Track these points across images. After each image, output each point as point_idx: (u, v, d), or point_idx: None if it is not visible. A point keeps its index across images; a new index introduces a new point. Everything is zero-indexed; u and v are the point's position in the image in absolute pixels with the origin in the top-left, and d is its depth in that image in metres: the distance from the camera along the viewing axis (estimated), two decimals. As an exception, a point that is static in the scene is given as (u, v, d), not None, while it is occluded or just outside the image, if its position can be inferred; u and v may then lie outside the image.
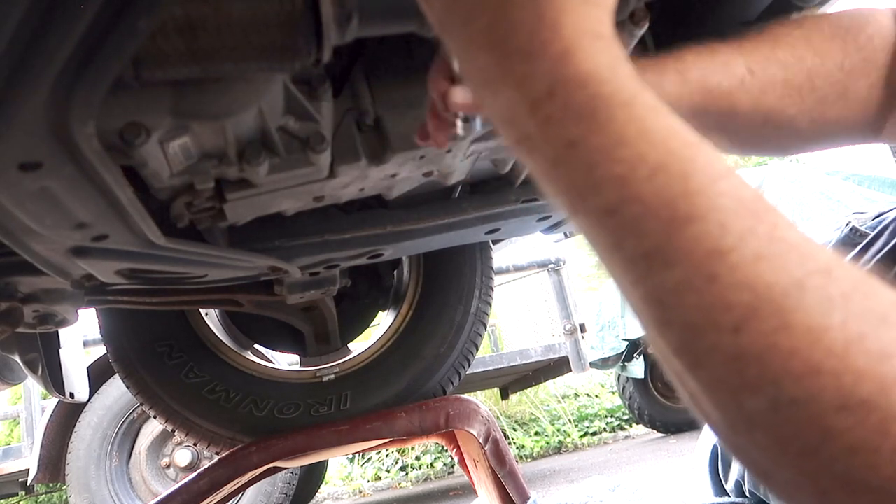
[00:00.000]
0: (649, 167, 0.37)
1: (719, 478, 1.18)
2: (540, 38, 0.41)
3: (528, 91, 0.41)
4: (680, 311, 0.36)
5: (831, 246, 0.92)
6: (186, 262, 1.06)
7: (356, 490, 6.90)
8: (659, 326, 0.38)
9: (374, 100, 0.92)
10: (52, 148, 0.64)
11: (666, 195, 0.37)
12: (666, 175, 0.37)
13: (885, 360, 0.32)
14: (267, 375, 1.70)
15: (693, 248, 0.36)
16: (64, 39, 0.53)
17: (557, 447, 7.21)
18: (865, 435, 0.31)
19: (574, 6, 0.42)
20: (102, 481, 3.69)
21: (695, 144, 0.39)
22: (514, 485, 1.65)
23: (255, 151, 0.82)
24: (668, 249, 0.36)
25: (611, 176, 0.38)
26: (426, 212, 1.23)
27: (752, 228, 0.36)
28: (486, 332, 1.84)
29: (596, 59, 0.40)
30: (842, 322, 0.33)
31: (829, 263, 0.35)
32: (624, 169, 0.38)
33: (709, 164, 0.38)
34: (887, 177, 5.64)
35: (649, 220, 0.37)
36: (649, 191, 0.37)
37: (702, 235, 0.36)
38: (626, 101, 0.39)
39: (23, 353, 1.54)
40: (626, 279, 0.39)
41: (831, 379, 0.32)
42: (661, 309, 0.37)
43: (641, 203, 0.37)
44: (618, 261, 0.39)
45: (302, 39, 0.67)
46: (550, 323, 5.33)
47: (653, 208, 0.37)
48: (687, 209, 0.36)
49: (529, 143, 0.42)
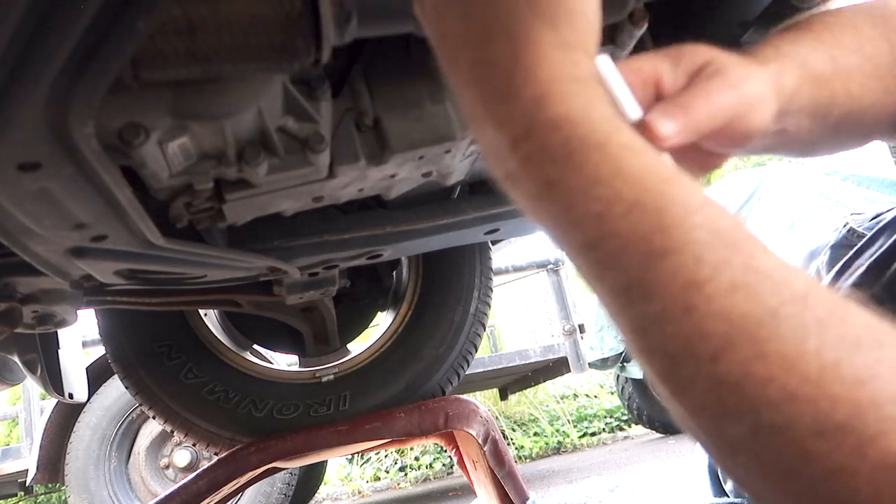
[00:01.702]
0: (625, 204, 0.38)
1: (718, 478, 1.18)
2: (516, 80, 0.42)
3: (508, 130, 0.42)
4: (660, 341, 0.37)
5: (829, 247, 0.92)
6: (185, 263, 1.06)
7: (355, 490, 6.89)
8: (643, 354, 0.39)
9: (374, 100, 0.92)
10: (52, 148, 0.64)
11: (642, 230, 0.38)
12: (641, 211, 0.38)
13: (859, 386, 0.33)
14: (266, 376, 1.70)
15: (669, 281, 0.37)
16: (63, 40, 0.53)
17: (556, 448, 7.21)
18: (843, 458, 0.32)
19: (551, 50, 0.43)
20: (101, 482, 3.69)
21: (670, 179, 0.40)
22: (513, 485, 1.65)
23: (254, 152, 0.82)
24: (646, 282, 0.37)
25: (589, 214, 0.39)
26: (425, 212, 1.23)
27: (727, 259, 0.36)
28: (485, 333, 1.84)
29: (570, 102, 0.41)
30: (816, 349, 0.34)
31: (805, 290, 0.36)
32: (601, 207, 0.39)
33: (684, 198, 0.39)
34: (886, 177, 5.64)
35: (627, 254, 0.38)
36: (626, 227, 0.38)
37: (678, 268, 0.37)
38: (601, 142, 0.40)
39: (22, 353, 1.54)
40: (612, 309, 0.40)
41: (808, 405, 0.33)
42: (643, 338, 0.38)
43: (619, 238, 0.38)
44: (602, 292, 0.40)
45: (301, 40, 0.67)
46: (549, 323, 5.33)
47: (630, 243, 0.38)
48: (663, 243, 0.37)
49: (512, 179, 0.43)
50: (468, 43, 0.44)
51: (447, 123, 0.93)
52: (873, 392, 0.32)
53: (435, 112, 0.92)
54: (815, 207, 5.20)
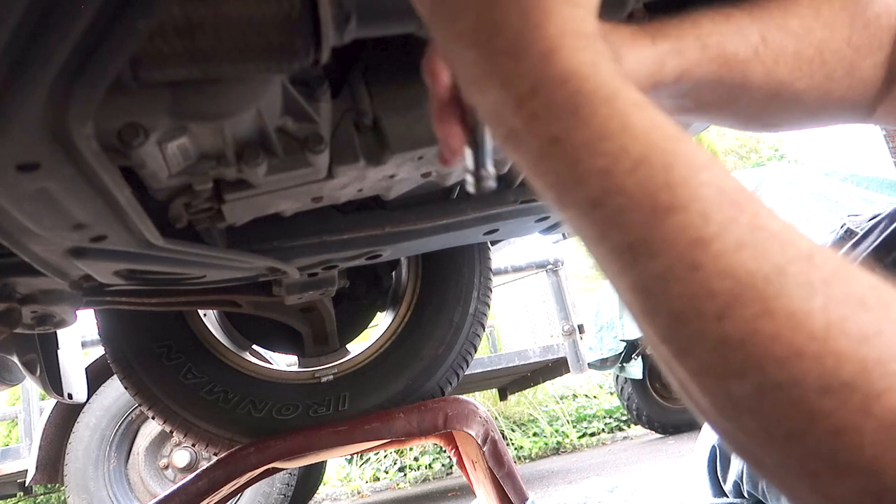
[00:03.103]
0: (632, 160, 0.38)
1: (717, 478, 1.18)
2: (524, 37, 0.42)
3: (513, 89, 0.42)
4: (665, 300, 0.37)
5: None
6: (185, 263, 1.06)
7: (354, 491, 6.89)
8: (646, 315, 0.39)
9: (373, 101, 0.92)
10: (51, 149, 0.64)
11: (648, 187, 0.37)
12: (648, 167, 0.38)
13: (864, 342, 0.33)
14: (265, 376, 1.70)
15: (676, 238, 0.36)
16: (62, 40, 0.53)
17: (556, 448, 7.21)
18: (848, 416, 0.32)
19: (558, 7, 0.43)
20: (101, 482, 3.69)
21: (677, 137, 0.39)
22: (512, 485, 1.65)
23: (254, 152, 0.82)
24: (651, 240, 0.37)
25: (594, 169, 0.39)
26: (424, 213, 1.23)
27: (733, 217, 0.36)
28: (484, 333, 1.84)
29: (578, 57, 0.41)
30: (822, 306, 0.34)
31: (809, 250, 0.36)
32: (607, 162, 0.38)
33: (691, 156, 0.38)
34: (885, 177, 5.65)
35: (633, 211, 0.37)
36: (632, 183, 0.38)
37: (684, 225, 0.36)
38: (608, 97, 0.40)
39: (21, 353, 1.54)
40: (613, 269, 0.40)
41: (814, 362, 0.33)
42: (646, 298, 0.38)
43: (625, 195, 0.38)
44: (604, 252, 0.40)
45: (300, 40, 0.67)
46: (549, 324, 5.33)
47: (636, 200, 0.37)
48: (669, 200, 0.37)
49: (516, 138, 0.43)
50: (470, 4, 0.44)
51: (446, 124, 0.93)
52: (879, 349, 0.32)
53: (434, 112, 0.92)
54: (814, 208, 5.20)
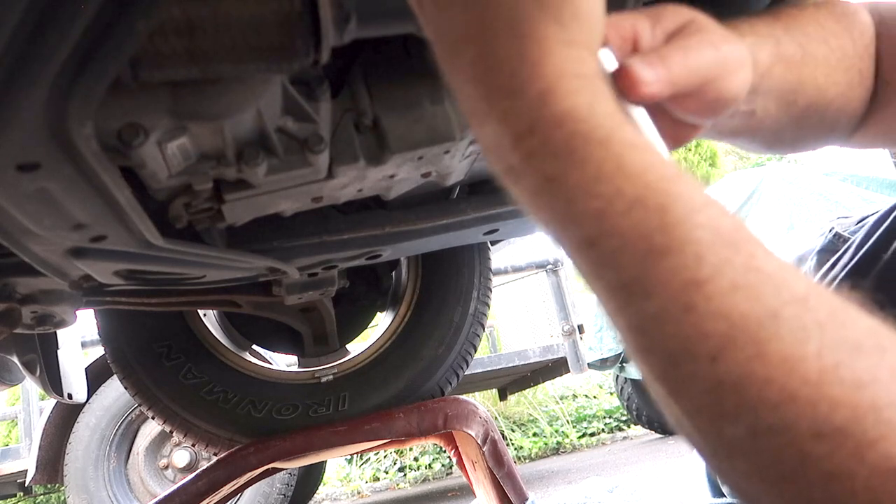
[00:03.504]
0: (626, 201, 0.38)
1: (716, 479, 1.18)
2: (521, 77, 0.42)
3: (511, 126, 0.42)
4: (659, 340, 0.37)
5: (815, 252, 0.91)
6: (185, 263, 1.06)
7: (354, 491, 6.89)
8: (641, 353, 0.39)
9: (373, 101, 0.92)
10: (51, 149, 0.64)
11: (643, 228, 0.37)
12: (643, 209, 0.38)
13: (859, 389, 0.33)
14: (265, 376, 1.70)
15: (670, 280, 0.36)
16: (62, 40, 0.53)
17: (556, 448, 7.21)
18: (841, 461, 0.32)
19: (557, 46, 0.42)
20: (100, 482, 3.68)
21: (673, 178, 0.39)
22: (512, 485, 1.65)
23: (254, 152, 0.82)
24: (645, 281, 0.37)
25: (589, 210, 0.39)
26: (424, 213, 1.23)
27: (728, 259, 0.36)
28: (484, 333, 1.84)
29: (574, 98, 0.41)
30: (817, 351, 0.34)
31: (805, 292, 0.36)
32: (602, 204, 0.39)
33: (687, 197, 0.38)
34: (885, 177, 5.64)
35: (627, 252, 0.38)
36: (626, 224, 0.38)
37: (678, 267, 0.36)
38: (604, 139, 0.40)
39: (21, 353, 1.54)
40: (609, 307, 0.40)
41: (807, 407, 0.33)
42: (641, 337, 0.38)
43: (619, 236, 0.38)
44: (600, 290, 0.40)
45: (300, 40, 0.67)
46: (549, 324, 5.33)
47: (630, 241, 0.38)
48: (663, 242, 0.37)
49: (514, 174, 0.43)
50: (470, 39, 0.44)
51: (446, 124, 0.93)
52: (873, 396, 0.32)
53: (434, 112, 0.93)
54: (814, 208, 5.20)
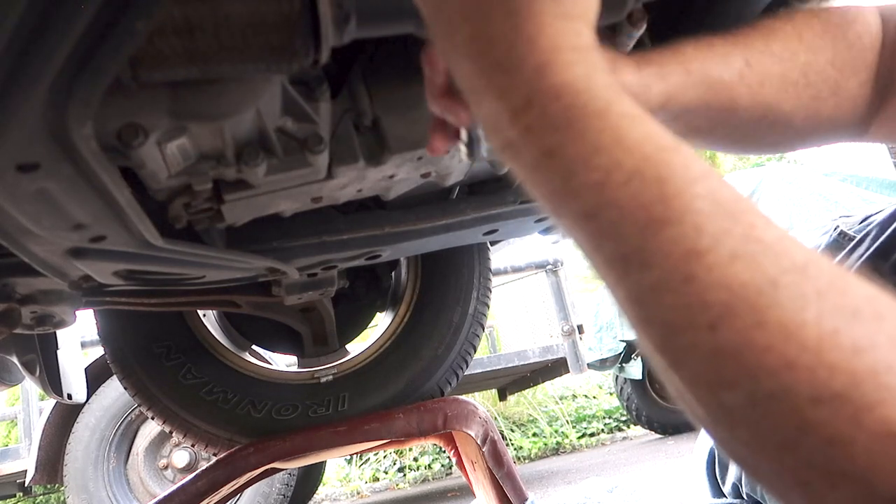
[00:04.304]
0: (625, 173, 0.38)
1: (716, 479, 1.18)
2: (518, 51, 0.42)
3: (508, 102, 0.42)
4: (659, 311, 0.37)
5: (821, 249, 0.92)
6: (184, 264, 1.06)
7: (354, 491, 6.89)
8: (641, 325, 0.39)
9: (372, 101, 0.92)
10: (50, 149, 0.64)
11: (642, 200, 0.38)
12: (641, 180, 0.38)
13: (857, 354, 0.33)
14: (265, 376, 1.70)
15: (669, 250, 0.37)
16: (62, 40, 0.53)
17: (555, 448, 7.21)
18: (840, 427, 0.32)
19: (552, 20, 0.43)
20: (100, 482, 3.68)
21: (671, 149, 0.39)
22: (511, 486, 1.65)
23: (253, 152, 0.82)
24: (645, 252, 0.37)
25: (588, 183, 0.39)
26: (424, 213, 1.23)
27: (727, 229, 0.36)
28: (483, 333, 1.84)
29: (571, 70, 0.42)
30: (816, 318, 0.34)
31: (804, 261, 0.36)
32: (600, 176, 0.39)
33: (685, 168, 0.39)
34: (885, 178, 5.65)
35: (626, 224, 0.38)
36: (625, 196, 0.38)
37: (678, 237, 0.37)
38: (601, 111, 0.40)
39: (21, 354, 1.54)
40: (609, 279, 0.40)
41: (806, 373, 0.33)
42: (641, 308, 0.38)
43: (618, 208, 0.38)
44: (599, 262, 0.40)
45: (300, 40, 0.67)
46: (548, 324, 5.33)
47: (629, 213, 0.38)
48: (663, 212, 0.37)
49: (512, 149, 0.43)
50: (466, 17, 0.44)
51: (446, 124, 0.93)
52: (871, 361, 0.32)
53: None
54: (814, 208, 5.20)
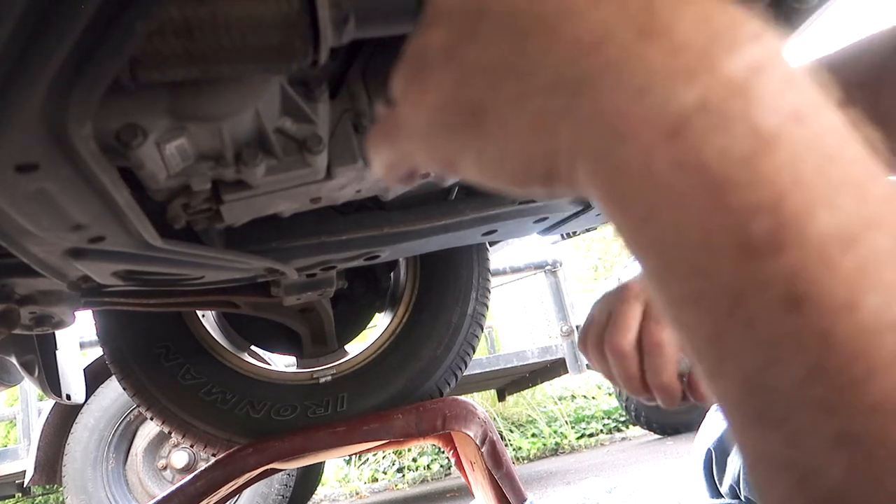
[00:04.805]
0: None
1: (714, 480, 1.19)
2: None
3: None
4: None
5: None
6: (183, 264, 1.06)
7: (353, 492, 6.89)
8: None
9: (371, 101, 0.92)
10: (49, 149, 0.64)
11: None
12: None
13: None
14: (264, 377, 1.70)
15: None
16: (61, 41, 0.53)
17: (554, 449, 7.21)
18: None
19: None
20: (99, 483, 3.68)
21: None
22: (510, 486, 1.65)
23: (252, 153, 0.82)
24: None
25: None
26: (423, 213, 1.23)
27: None
28: (482, 334, 1.84)
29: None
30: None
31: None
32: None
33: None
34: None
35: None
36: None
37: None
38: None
39: (19, 354, 1.54)
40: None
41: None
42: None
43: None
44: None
45: (299, 41, 0.67)
46: (547, 324, 5.33)
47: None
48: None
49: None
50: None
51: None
52: None
53: (432, 113, 0.93)
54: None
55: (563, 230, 1.54)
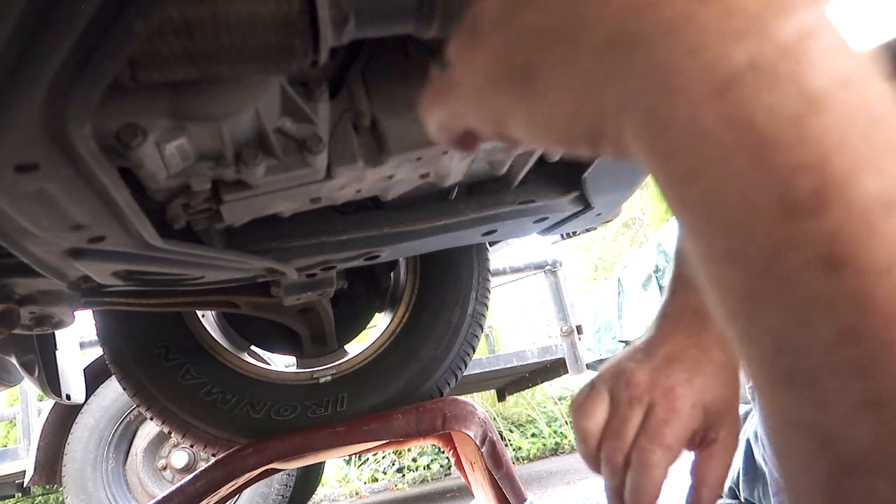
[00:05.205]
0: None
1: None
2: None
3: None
4: None
5: None
6: (183, 264, 1.06)
7: (353, 492, 6.89)
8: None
9: (371, 101, 0.92)
10: (49, 149, 0.64)
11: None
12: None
13: None
14: (264, 377, 1.70)
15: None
16: (61, 41, 0.53)
17: (554, 449, 7.21)
18: None
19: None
20: (99, 483, 3.68)
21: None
22: (510, 486, 1.65)
23: (252, 153, 0.82)
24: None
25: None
26: (423, 213, 1.23)
27: None
28: (482, 334, 1.84)
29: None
30: None
31: None
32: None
33: None
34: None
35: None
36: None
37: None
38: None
39: (19, 354, 1.54)
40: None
41: None
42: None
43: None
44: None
45: (299, 41, 0.67)
46: (547, 324, 5.33)
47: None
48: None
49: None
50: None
51: (445, 125, 0.93)
52: None
53: (432, 113, 0.93)
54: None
55: (563, 230, 1.54)
